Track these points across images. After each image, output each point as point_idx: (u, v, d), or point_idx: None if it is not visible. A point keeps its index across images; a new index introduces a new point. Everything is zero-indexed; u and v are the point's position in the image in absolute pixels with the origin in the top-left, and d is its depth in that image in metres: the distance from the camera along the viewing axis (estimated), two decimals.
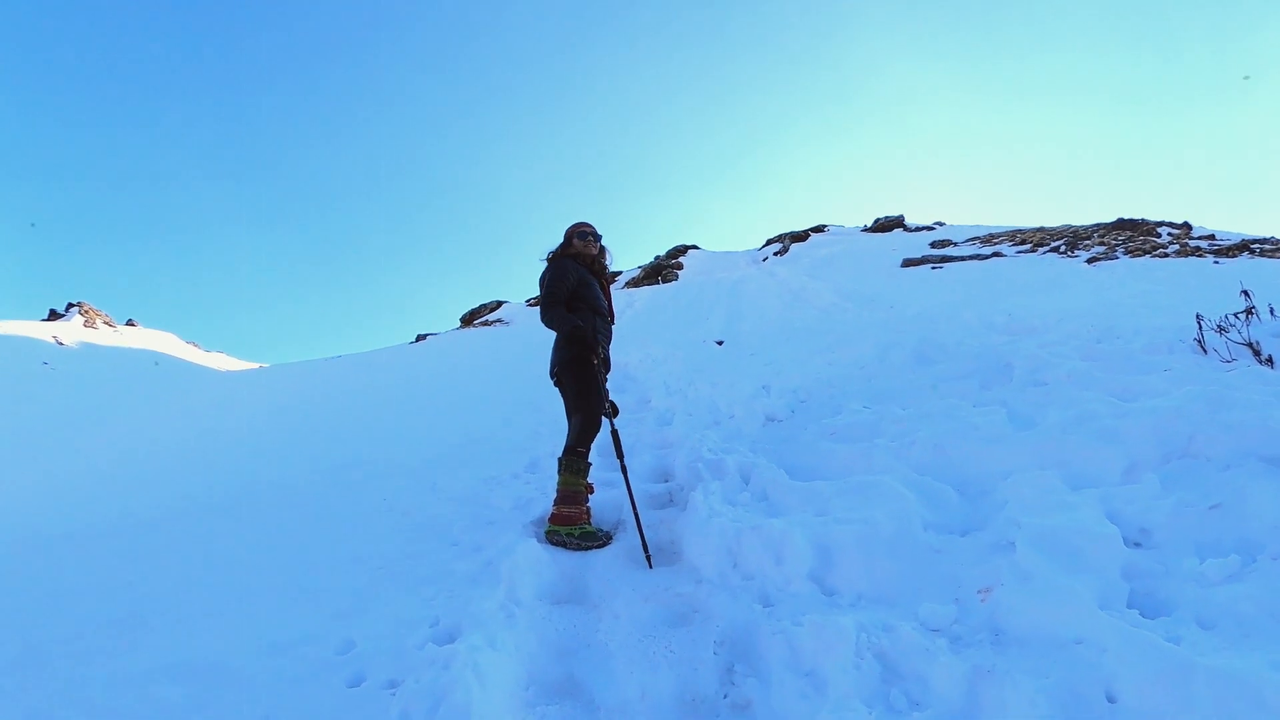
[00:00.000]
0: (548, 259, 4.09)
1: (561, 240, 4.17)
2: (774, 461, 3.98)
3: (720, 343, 10.42)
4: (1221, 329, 4.76)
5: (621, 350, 10.77)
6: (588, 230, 4.14)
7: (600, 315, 3.99)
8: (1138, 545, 2.66)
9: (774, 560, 2.87)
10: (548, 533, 3.64)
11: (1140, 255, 18.06)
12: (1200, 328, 4.85)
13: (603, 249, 4.20)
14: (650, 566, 3.27)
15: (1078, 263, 17.72)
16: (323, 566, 3.62)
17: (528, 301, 26.61)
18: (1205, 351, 4.67)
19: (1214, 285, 10.50)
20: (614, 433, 3.75)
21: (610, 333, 4.12)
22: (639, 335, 12.16)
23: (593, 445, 3.90)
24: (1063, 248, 20.40)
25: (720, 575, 2.97)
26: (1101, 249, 19.47)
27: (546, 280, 3.92)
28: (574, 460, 3.74)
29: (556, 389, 4.02)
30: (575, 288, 3.93)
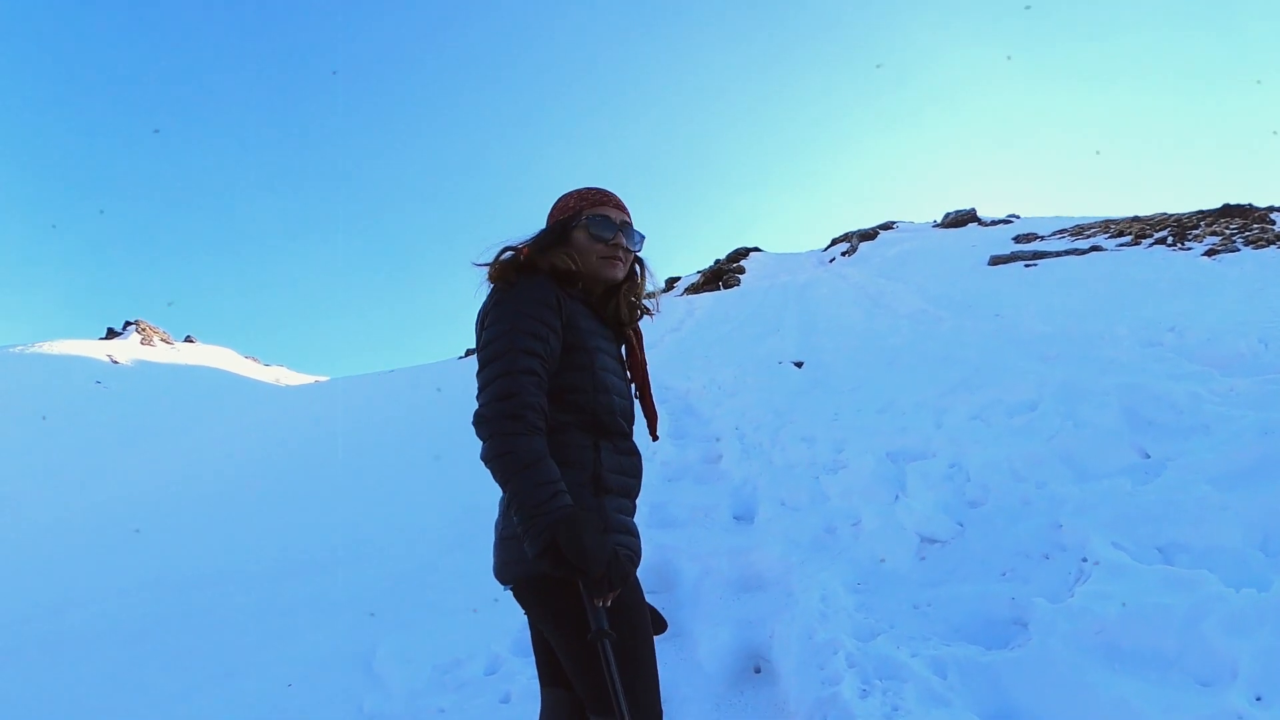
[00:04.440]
0: (492, 274, 1.60)
1: (542, 229, 1.69)
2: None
3: (799, 364, 8.58)
4: None
5: (682, 373, 9.00)
6: (607, 207, 1.65)
7: (613, 435, 1.63)
8: None
9: None
10: None
11: (1264, 246, 15.90)
12: None
13: (638, 263, 1.75)
14: None
15: (1194, 256, 15.55)
16: None
17: None
18: None
19: None
20: None
21: (640, 471, 1.70)
22: (701, 351, 10.39)
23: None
24: (1169, 239, 18.10)
25: None
26: (1216, 239, 17.19)
27: (488, 346, 1.52)
28: None
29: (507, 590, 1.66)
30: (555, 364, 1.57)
